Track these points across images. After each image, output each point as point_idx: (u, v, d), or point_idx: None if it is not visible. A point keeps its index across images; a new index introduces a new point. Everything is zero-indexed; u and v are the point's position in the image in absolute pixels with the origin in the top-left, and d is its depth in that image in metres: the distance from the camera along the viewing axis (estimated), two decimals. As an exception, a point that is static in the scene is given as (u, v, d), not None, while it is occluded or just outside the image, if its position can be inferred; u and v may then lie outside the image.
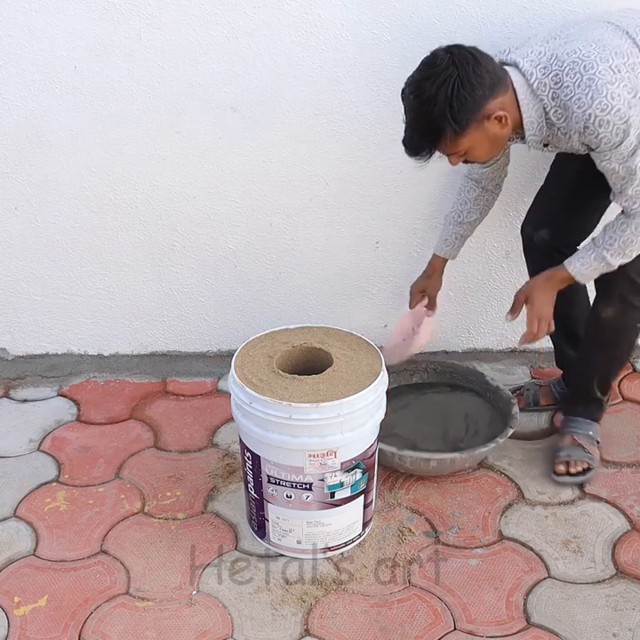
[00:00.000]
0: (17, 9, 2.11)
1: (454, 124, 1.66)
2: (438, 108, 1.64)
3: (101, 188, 2.34)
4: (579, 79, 1.66)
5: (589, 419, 2.17)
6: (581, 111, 1.67)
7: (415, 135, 1.72)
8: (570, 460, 2.11)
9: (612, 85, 1.65)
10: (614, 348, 2.07)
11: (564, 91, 1.68)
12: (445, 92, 1.63)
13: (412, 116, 1.71)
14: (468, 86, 1.64)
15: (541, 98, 1.72)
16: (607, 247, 1.82)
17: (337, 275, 2.50)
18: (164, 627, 1.73)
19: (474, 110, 1.66)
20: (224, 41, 2.15)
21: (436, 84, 1.64)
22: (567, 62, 1.69)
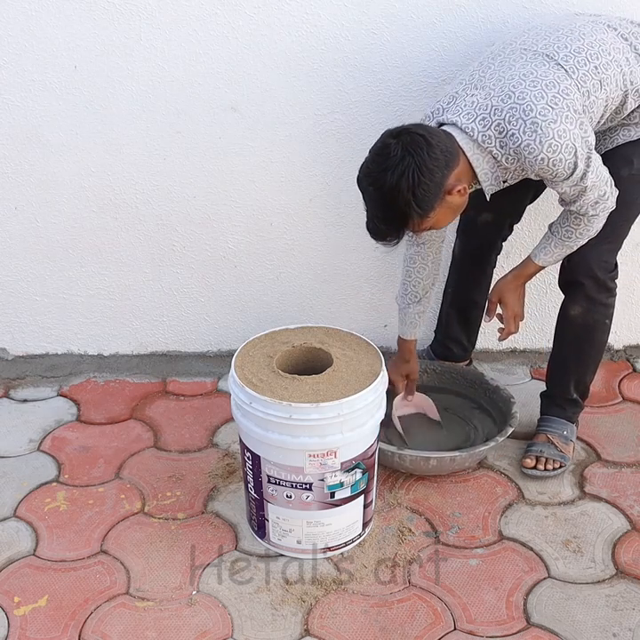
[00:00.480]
0: (17, 9, 2.11)
1: (419, 210, 1.68)
2: (402, 198, 1.65)
3: (101, 188, 2.34)
4: (522, 125, 1.69)
5: (565, 419, 2.19)
6: (533, 157, 1.71)
7: (381, 224, 1.73)
8: (541, 456, 2.12)
9: (555, 124, 1.69)
10: (586, 346, 2.11)
11: (511, 139, 1.71)
12: (407, 182, 1.64)
13: (375, 206, 1.72)
14: (427, 172, 1.65)
15: (489, 150, 1.75)
16: (565, 238, 1.91)
17: (337, 275, 2.50)
18: (163, 627, 1.73)
19: (436, 193, 1.68)
20: (224, 41, 2.15)
21: (396, 175, 1.64)
22: (505, 110, 1.71)
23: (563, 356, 2.15)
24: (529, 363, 2.63)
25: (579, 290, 2.02)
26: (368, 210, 1.75)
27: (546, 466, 2.11)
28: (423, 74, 2.19)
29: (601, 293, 2.03)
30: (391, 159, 1.65)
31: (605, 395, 2.47)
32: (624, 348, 2.65)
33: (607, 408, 2.41)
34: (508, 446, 2.21)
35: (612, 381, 2.53)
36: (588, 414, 2.36)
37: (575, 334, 2.09)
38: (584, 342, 2.10)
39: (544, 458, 2.12)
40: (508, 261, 2.46)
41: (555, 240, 1.93)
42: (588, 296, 2.02)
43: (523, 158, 1.73)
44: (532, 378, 2.55)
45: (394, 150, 1.65)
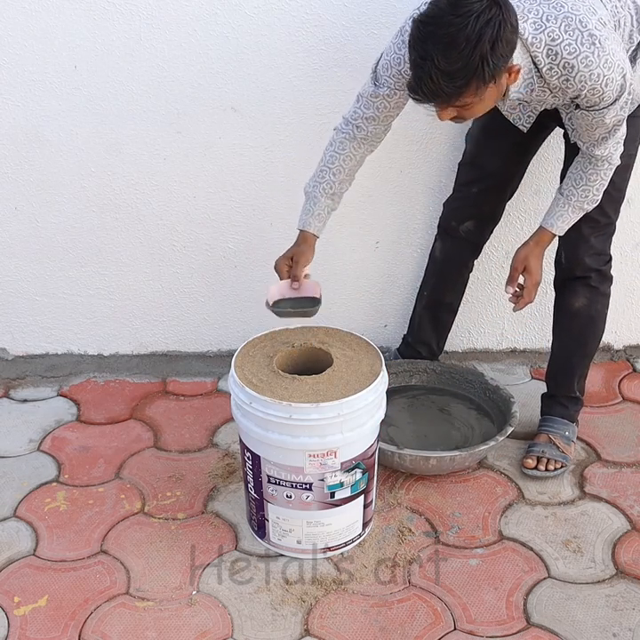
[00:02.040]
0: (17, 9, 2.11)
1: (492, 70, 1.49)
2: (480, 50, 1.45)
3: (101, 188, 2.34)
4: (579, 36, 1.58)
5: (567, 419, 2.19)
6: (589, 70, 1.60)
7: (440, 79, 1.48)
8: (543, 456, 2.12)
9: (609, 41, 1.60)
10: (590, 338, 2.13)
11: (567, 49, 1.59)
12: (492, 31, 1.45)
13: (443, 55, 1.46)
14: (510, 29, 1.48)
15: (535, 54, 1.61)
16: (582, 199, 1.87)
17: (337, 275, 2.50)
18: (163, 627, 1.73)
19: (508, 57, 1.53)
20: (224, 41, 2.15)
21: (481, 22, 1.44)
22: (560, 18, 1.59)
23: (568, 351, 2.15)
24: (529, 363, 2.63)
25: (582, 282, 2.03)
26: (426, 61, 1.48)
27: (547, 466, 2.11)
28: (423, 74, 2.19)
29: (603, 283, 2.06)
30: (474, 5, 1.45)
31: (605, 395, 2.47)
32: (624, 348, 2.65)
33: (607, 408, 2.41)
34: (508, 446, 2.21)
35: (612, 381, 2.53)
36: (588, 414, 2.36)
37: (580, 327, 2.10)
38: (588, 335, 2.11)
39: (545, 458, 2.12)
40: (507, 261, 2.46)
41: (571, 205, 1.87)
42: (591, 287, 2.03)
43: (575, 72, 1.60)
44: (532, 378, 2.55)
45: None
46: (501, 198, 2.20)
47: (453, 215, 2.23)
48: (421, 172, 2.36)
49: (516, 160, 2.12)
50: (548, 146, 2.22)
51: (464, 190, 2.19)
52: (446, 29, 1.46)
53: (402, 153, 2.33)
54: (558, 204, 1.91)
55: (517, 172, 2.17)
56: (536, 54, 1.61)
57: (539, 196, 2.37)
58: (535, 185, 2.35)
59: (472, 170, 2.16)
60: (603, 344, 2.61)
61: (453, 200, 2.24)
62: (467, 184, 2.19)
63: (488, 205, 2.19)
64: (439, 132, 2.29)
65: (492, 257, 2.48)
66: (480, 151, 2.13)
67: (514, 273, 1.99)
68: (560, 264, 2.09)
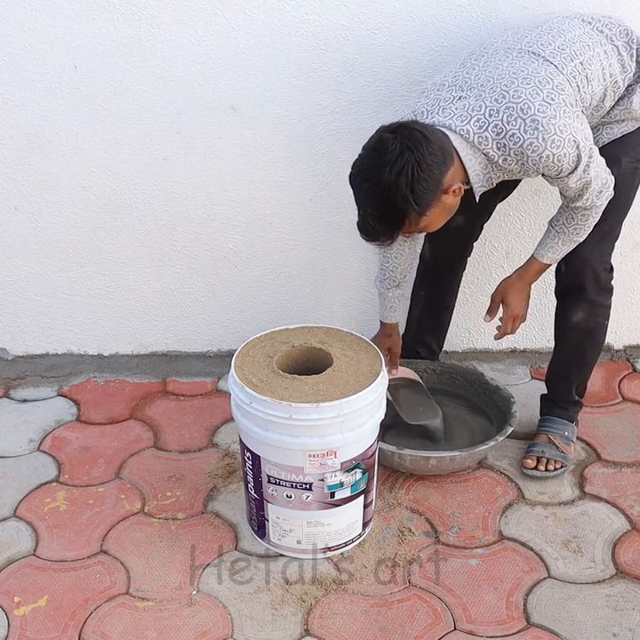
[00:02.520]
0: (17, 9, 2.11)
1: (417, 208, 1.62)
2: (400, 195, 1.59)
3: (101, 187, 2.34)
4: (522, 124, 1.66)
5: (566, 419, 2.19)
6: (537, 155, 1.67)
7: (376, 223, 1.66)
8: (542, 456, 2.12)
9: (555, 119, 1.66)
10: (589, 350, 2.11)
11: (512, 139, 1.67)
12: (406, 178, 1.58)
13: (370, 204, 1.65)
14: (426, 168, 1.59)
15: (486, 151, 1.71)
16: (573, 235, 1.88)
17: (337, 275, 2.50)
18: (163, 627, 1.73)
19: (434, 190, 1.63)
20: (224, 41, 2.15)
21: (395, 171, 1.58)
22: (502, 110, 1.67)
23: (565, 362, 2.15)
24: (529, 363, 2.63)
25: (580, 295, 2.01)
26: (361, 209, 1.68)
27: (547, 466, 2.11)
28: (423, 74, 2.19)
29: (602, 295, 2.04)
30: (389, 154, 1.59)
31: (605, 395, 2.47)
32: (624, 348, 2.65)
33: (607, 408, 2.41)
34: (508, 446, 2.21)
35: (612, 381, 2.53)
36: (588, 414, 2.36)
37: (578, 340, 2.08)
38: (587, 347, 2.10)
39: (545, 458, 2.12)
40: (507, 261, 2.47)
41: (562, 238, 1.89)
42: (589, 300, 2.01)
43: (525, 158, 1.69)
44: (532, 378, 2.55)
45: (392, 145, 1.59)
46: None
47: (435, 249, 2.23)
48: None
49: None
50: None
51: None
52: (369, 182, 1.62)
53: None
54: (549, 236, 1.92)
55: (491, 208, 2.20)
56: (487, 150, 1.71)
57: (539, 195, 2.37)
58: (535, 185, 2.35)
59: None
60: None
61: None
62: None
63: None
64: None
65: (491, 257, 2.48)
66: None
67: (492, 304, 2.04)
68: (560, 273, 2.07)
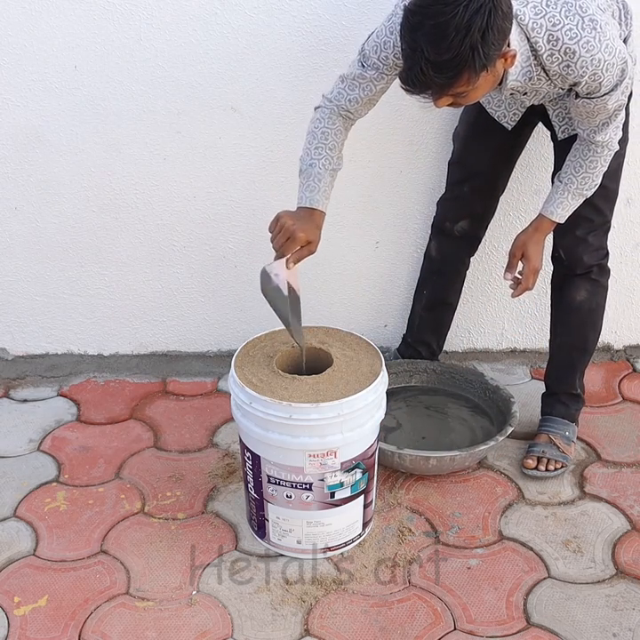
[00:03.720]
0: (17, 9, 2.11)
1: (484, 59, 1.45)
2: (470, 39, 1.41)
3: (101, 187, 2.34)
4: (580, 21, 1.56)
5: (568, 419, 2.19)
6: (590, 55, 1.58)
7: (431, 70, 1.45)
8: (543, 456, 2.12)
9: (609, 26, 1.59)
10: (591, 333, 2.14)
11: (568, 34, 1.56)
12: (482, 20, 1.40)
13: (432, 46, 1.43)
14: (502, 16, 1.43)
15: (535, 40, 1.58)
16: (582, 186, 1.85)
17: (337, 275, 2.50)
18: (164, 627, 1.73)
19: (501, 45, 1.48)
20: (224, 41, 2.15)
21: (470, 10, 1.40)
22: (560, 3, 1.56)
23: (568, 346, 2.16)
24: (529, 363, 2.62)
25: (584, 275, 2.04)
26: (414, 52, 1.46)
27: (547, 466, 2.11)
28: (423, 74, 2.19)
29: (603, 276, 2.08)
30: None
31: (605, 395, 2.47)
32: (624, 348, 2.65)
33: (607, 408, 2.41)
34: (508, 446, 2.21)
35: (612, 381, 2.53)
36: (588, 414, 2.36)
37: (580, 321, 2.11)
38: (589, 329, 2.13)
39: (545, 458, 2.12)
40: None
41: (571, 192, 1.86)
42: (592, 280, 2.05)
43: (576, 58, 1.58)
44: (532, 378, 2.55)
45: None
46: (493, 195, 2.20)
47: (447, 215, 2.24)
48: (421, 172, 2.36)
49: (503, 158, 2.13)
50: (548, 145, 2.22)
51: (455, 190, 2.20)
52: (435, 19, 1.42)
53: (402, 153, 2.33)
54: (557, 192, 1.89)
55: (506, 169, 2.16)
56: (537, 40, 1.58)
57: (539, 195, 2.36)
58: (535, 185, 2.35)
59: (461, 169, 2.17)
60: (603, 344, 2.61)
61: (446, 200, 2.24)
62: (457, 183, 2.19)
63: (480, 203, 2.20)
64: (439, 132, 2.29)
65: (491, 257, 2.48)
66: (467, 150, 2.13)
67: (512, 259, 1.97)
68: (560, 261, 2.09)
